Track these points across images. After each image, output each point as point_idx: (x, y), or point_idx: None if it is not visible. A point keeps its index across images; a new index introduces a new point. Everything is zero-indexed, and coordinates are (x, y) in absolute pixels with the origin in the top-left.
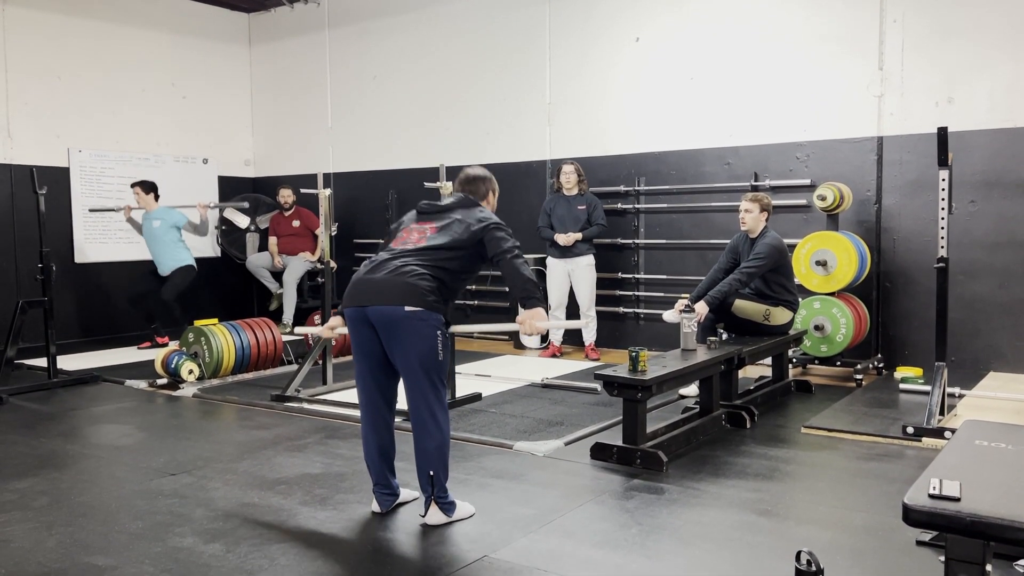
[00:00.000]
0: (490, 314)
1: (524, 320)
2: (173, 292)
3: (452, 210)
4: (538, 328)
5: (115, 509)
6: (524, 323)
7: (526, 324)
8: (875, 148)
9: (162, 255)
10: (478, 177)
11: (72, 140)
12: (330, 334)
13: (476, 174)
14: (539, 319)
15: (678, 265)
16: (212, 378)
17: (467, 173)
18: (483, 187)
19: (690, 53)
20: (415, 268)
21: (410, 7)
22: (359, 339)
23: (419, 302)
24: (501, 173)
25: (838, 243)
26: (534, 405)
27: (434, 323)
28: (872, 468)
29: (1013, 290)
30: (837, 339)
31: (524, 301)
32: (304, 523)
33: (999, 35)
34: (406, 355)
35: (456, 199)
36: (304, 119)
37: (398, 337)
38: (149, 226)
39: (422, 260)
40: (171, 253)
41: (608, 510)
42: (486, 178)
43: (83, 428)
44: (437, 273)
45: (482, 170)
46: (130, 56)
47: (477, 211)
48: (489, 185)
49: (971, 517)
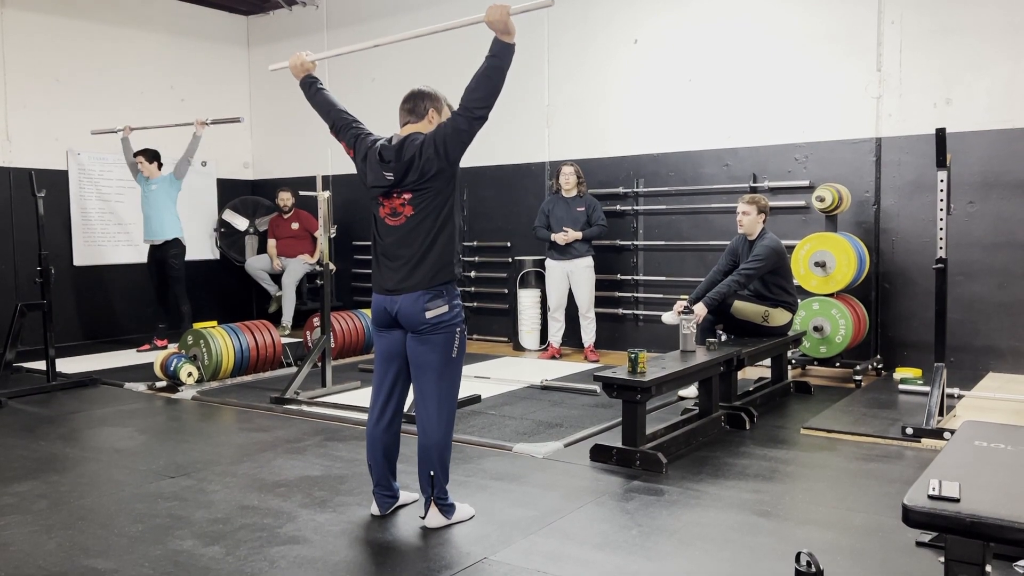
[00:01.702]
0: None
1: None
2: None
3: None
4: (503, 12)
5: (115, 512)
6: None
7: (493, 9)
8: (873, 149)
9: (155, 219)
10: (415, 95)
11: (71, 142)
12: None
13: (414, 91)
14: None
15: (677, 266)
16: (211, 381)
17: (408, 93)
18: (422, 105)
19: (688, 55)
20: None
21: (408, 9)
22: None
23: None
24: (500, 175)
25: (837, 244)
26: (533, 407)
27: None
28: (871, 469)
29: (1012, 290)
30: (836, 340)
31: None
32: (304, 525)
33: (997, 36)
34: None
35: (401, 143)
36: (303, 122)
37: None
38: (147, 190)
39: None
40: (164, 219)
41: (608, 511)
42: (427, 94)
43: (82, 431)
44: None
45: (424, 87)
46: (128, 58)
47: (427, 146)
48: (430, 102)
49: (971, 518)
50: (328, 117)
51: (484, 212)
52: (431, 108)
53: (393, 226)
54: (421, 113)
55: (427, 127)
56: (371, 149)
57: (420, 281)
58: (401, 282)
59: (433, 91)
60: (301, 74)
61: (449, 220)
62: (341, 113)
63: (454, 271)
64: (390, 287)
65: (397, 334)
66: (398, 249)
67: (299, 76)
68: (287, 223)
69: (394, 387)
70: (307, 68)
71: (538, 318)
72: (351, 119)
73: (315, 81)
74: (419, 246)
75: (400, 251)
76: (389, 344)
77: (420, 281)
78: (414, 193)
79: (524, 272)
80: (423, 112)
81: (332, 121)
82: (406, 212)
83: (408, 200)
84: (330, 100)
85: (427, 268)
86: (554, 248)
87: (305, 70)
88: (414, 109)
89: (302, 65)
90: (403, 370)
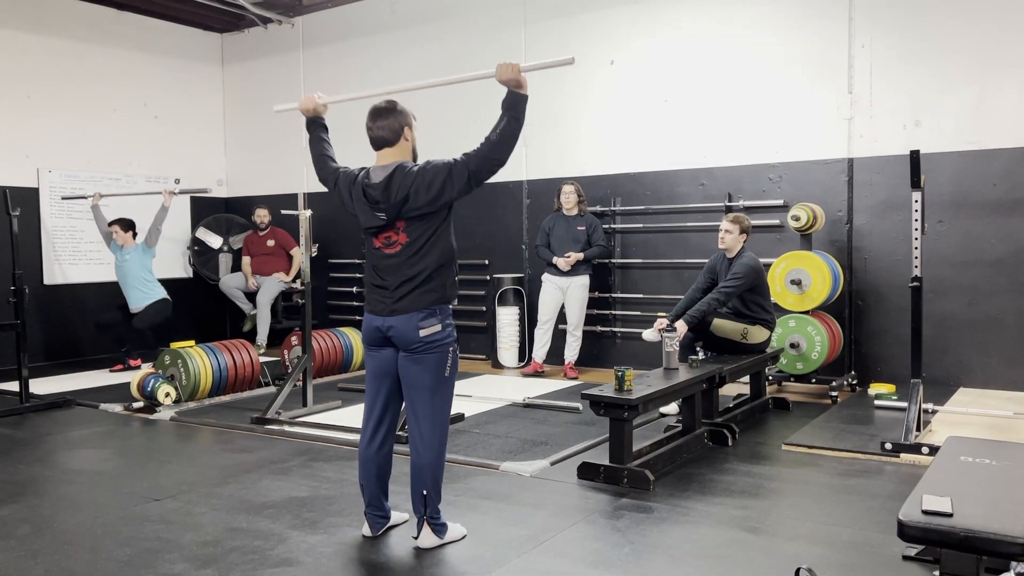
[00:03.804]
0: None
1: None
2: (146, 322)
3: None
4: (514, 71)
5: (101, 536)
6: (501, 67)
7: (503, 67)
8: (846, 169)
9: (135, 289)
10: (380, 112)
11: (42, 160)
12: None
13: (380, 108)
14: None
15: (654, 284)
16: (189, 401)
17: (373, 108)
18: (395, 125)
19: (664, 76)
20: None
21: (385, 28)
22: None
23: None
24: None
25: (812, 262)
26: (517, 425)
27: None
28: (854, 484)
29: (981, 307)
30: (812, 357)
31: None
32: (295, 547)
33: (964, 60)
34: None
35: (389, 174)
36: (278, 139)
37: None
38: (121, 259)
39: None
40: (142, 288)
41: (599, 529)
42: (394, 112)
43: (60, 453)
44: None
45: (386, 102)
46: (101, 75)
47: (423, 176)
48: (401, 120)
49: (965, 532)
50: (319, 170)
51: (462, 230)
52: (404, 127)
53: (389, 254)
54: (395, 135)
55: (405, 149)
56: (354, 187)
57: (414, 303)
58: (395, 304)
59: (398, 106)
60: (311, 115)
61: (445, 244)
62: (330, 165)
63: (448, 293)
64: (383, 310)
65: (388, 353)
66: (393, 276)
67: (308, 115)
68: (263, 240)
69: (386, 407)
70: (319, 111)
71: (517, 335)
72: (336, 168)
73: (321, 126)
74: (414, 272)
75: (394, 278)
76: (380, 363)
77: (414, 303)
78: (408, 222)
79: (503, 290)
80: (397, 132)
81: (322, 176)
82: (400, 240)
83: (402, 228)
84: (327, 154)
85: (422, 292)
86: (554, 264)
87: (316, 113)
88: (387, 138)
89: (314, 108)
90: (395, 390)
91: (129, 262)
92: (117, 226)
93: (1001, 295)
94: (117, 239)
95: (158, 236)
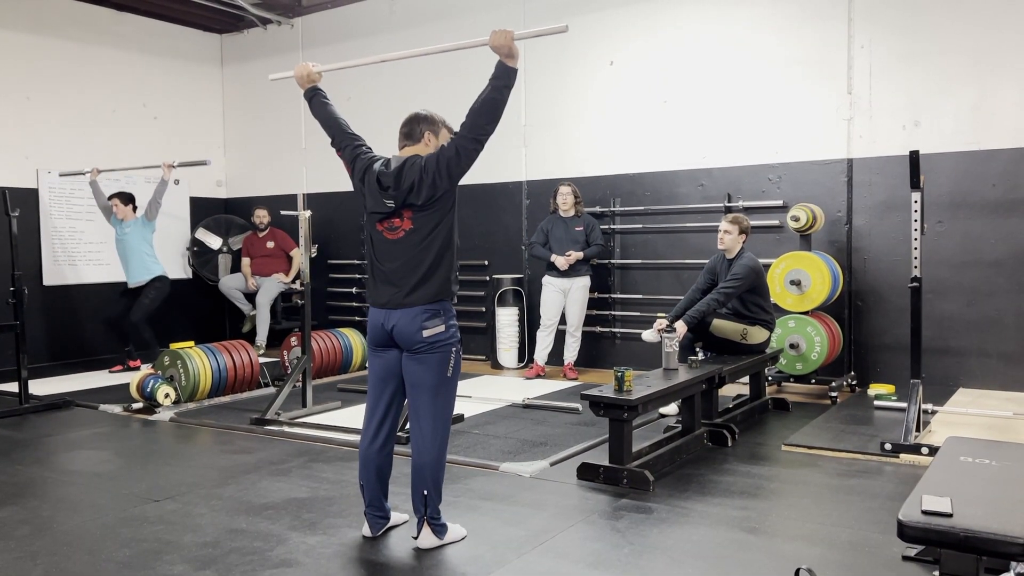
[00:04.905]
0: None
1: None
2: (143, 311)
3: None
4: (507, 37)
5: (100, 537)
6: (495, 33)
7: (497, 34)
8: (845, 170)
9: (134, 263)
10: (412, 119)
11: (41, 161)
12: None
13: (412, 115)
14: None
15: (653, 285)
16: (188, 402)
17: (407, 117)
18: (418, 129)
19: (663, 77)
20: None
21: (384, 28)
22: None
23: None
24: (478, 193)
25: (811, 263)
26: (516, 425)
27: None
28: (853, 485)
29: (980, 308)
30: (812, 357)
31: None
32: (295, 548)
33: (963, 61)
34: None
35: (400, 167)
36: (277, 140)
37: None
38: (121, 233)
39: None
40: (144, 262)
41: (599, 530)
42: (423, 118)
43: (59, 454)
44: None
45: (422, 111)
46: (101, 76)
47: (427, 169)
48: (426, 126)
49: (964, 532)
50: (330, 131)
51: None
52: (427, 131)
53: (391, 240)
54: (417, 137)
55: (424, 149)
56: (369, 171)
57: (418, 298)
58: (398, 297)
59: (431, 114)
60: (307, 84)
61: (448, 237)
62: (344, 128)
63: (451, 288)
64: (386, 301)
65: (392, 354)
66: (395, 264)
67: (304, 86)
68: (262, 241)
69: (389, 408)
70: (313, 79)
71: (516, 336)
72: (353, 135)
73: (320, 93)
74: (416, 261)
75: (397, 266)
76: (384, 364)
77: (418, 298)
78: (414, 211)
79: (502, 291)
80: (419, 136)
81: (334, 135)
82: (404, 226)
83: (408, 216)
84: (333, 114)
85: (424, 285)
86: (554, 266)
87: (311, 81)
88: (411, 133)
89: (308, 76)
90: (398, 391)
91: (129, 235)
92: (117, 199)
93: (1000, 295)
94: (117, 212)
95: (158, 209)
